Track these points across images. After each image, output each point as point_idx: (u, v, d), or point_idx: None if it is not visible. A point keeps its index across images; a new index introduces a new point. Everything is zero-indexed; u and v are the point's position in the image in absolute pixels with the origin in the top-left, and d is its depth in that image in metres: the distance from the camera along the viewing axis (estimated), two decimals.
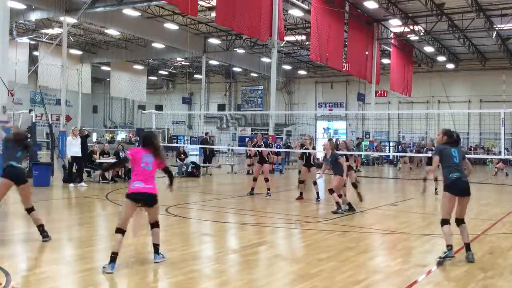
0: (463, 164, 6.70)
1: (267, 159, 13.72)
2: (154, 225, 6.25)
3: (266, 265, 6.38)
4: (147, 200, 5.98)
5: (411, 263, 6.65)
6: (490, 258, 6.88)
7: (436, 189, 14.20)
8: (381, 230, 9.06)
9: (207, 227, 9.35)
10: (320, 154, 17.88)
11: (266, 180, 13.40)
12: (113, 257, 5.72)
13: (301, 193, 13.05)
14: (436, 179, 13.90)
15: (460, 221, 6.62)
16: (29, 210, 7.27)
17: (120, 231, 5.84)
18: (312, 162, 12.96)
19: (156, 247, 6.20)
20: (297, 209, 11.65)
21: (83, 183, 14.84)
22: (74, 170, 15.20)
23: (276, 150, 20.99)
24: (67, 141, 15.23)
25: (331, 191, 10.90)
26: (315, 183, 12.89)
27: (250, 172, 20.34)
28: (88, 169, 16.42)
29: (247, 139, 30.03)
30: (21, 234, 7.93)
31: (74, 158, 14.88)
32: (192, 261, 6.39)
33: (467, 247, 6.59)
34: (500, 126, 10.84)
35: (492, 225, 9.64)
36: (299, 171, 14.35)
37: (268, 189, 13.34)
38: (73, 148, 14.82)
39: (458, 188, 6.53)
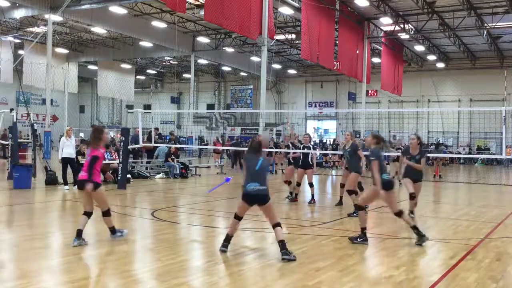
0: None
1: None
2: None
3: (259, 276, 5.87)
4: None
5: (415, 272, 6.20)
6: (499, 266, 6.43)
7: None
8: (379, 234, 8.61)
9: (195, 233, 8.85)
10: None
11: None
12: None
13: (295, 195, 12.60)
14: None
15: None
16: None
17: None
18: (310, 161, 12.39)
19: None
20: (290, 212, 11.18)
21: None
22: (69, 172, 14.42)
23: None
24: (60, 142, 14.40)
25: (350, 192, 10.55)
26: (311, 185, 12.43)
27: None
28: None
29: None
30: None
31: (67, 159, 14.19)
32: (179, 273, 5.87)
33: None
34: (502, 124, 10.48)
35: (494, 228, 9.23)
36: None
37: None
38: (67, 149, 14.12)
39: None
